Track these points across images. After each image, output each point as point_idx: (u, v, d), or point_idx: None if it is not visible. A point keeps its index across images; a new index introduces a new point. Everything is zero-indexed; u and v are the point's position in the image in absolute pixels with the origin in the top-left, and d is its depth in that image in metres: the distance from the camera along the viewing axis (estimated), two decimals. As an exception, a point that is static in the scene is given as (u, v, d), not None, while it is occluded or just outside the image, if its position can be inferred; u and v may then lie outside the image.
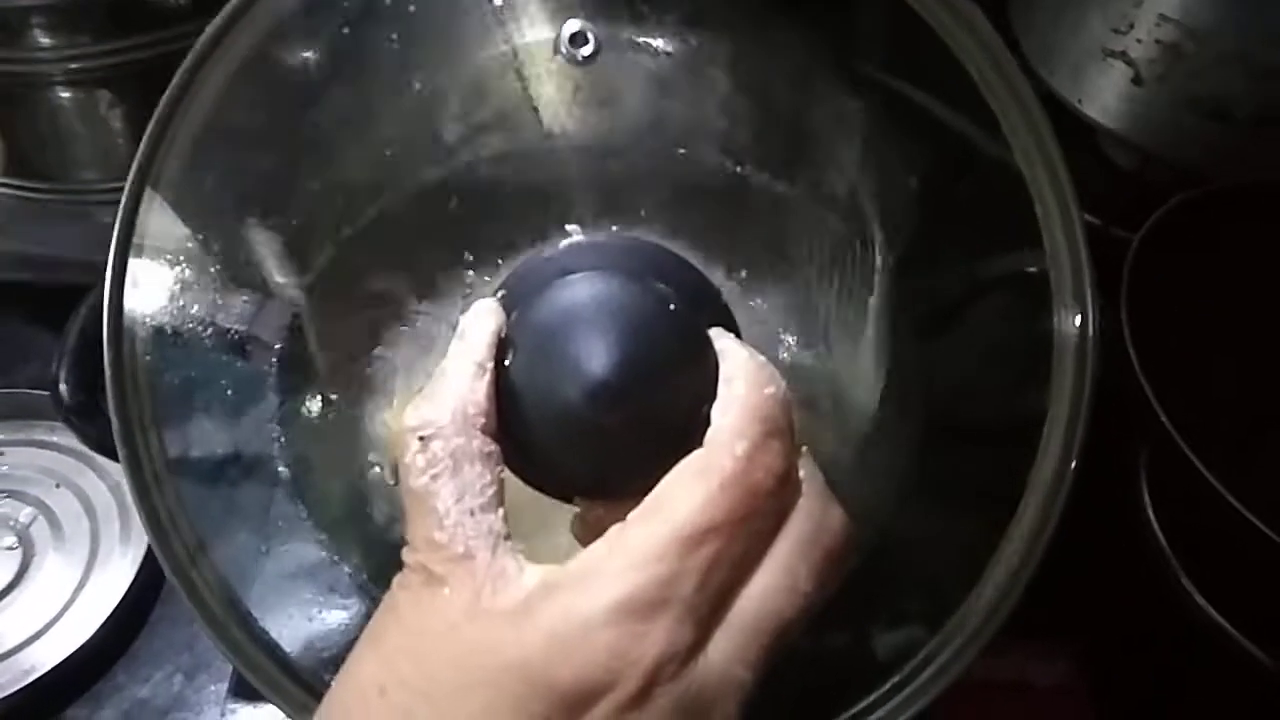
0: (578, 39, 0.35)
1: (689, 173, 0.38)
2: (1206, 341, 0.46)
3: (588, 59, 0.35)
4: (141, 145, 0.33)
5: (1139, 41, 0.51)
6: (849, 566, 0.26)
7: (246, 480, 0.38)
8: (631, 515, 0.24)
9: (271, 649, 0.34)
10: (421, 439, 0.24)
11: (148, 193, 0.34)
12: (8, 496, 0.54)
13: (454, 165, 0.38)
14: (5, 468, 0.56)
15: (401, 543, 0.25)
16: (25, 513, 0.54)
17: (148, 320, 0.35)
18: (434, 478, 0.24)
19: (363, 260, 0.41)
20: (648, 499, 0.24)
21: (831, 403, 0.42)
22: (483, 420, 0.25)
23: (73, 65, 0.52)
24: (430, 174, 0.39)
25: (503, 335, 0.26)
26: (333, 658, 0.36)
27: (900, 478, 0.39)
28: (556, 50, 0.35)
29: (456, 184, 0.39)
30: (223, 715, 0.45)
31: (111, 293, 0.34)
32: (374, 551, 0.39)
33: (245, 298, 0.36)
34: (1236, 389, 0.48)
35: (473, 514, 0.24)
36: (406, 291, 0.41)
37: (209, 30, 0.33)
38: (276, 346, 0.37)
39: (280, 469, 0.37)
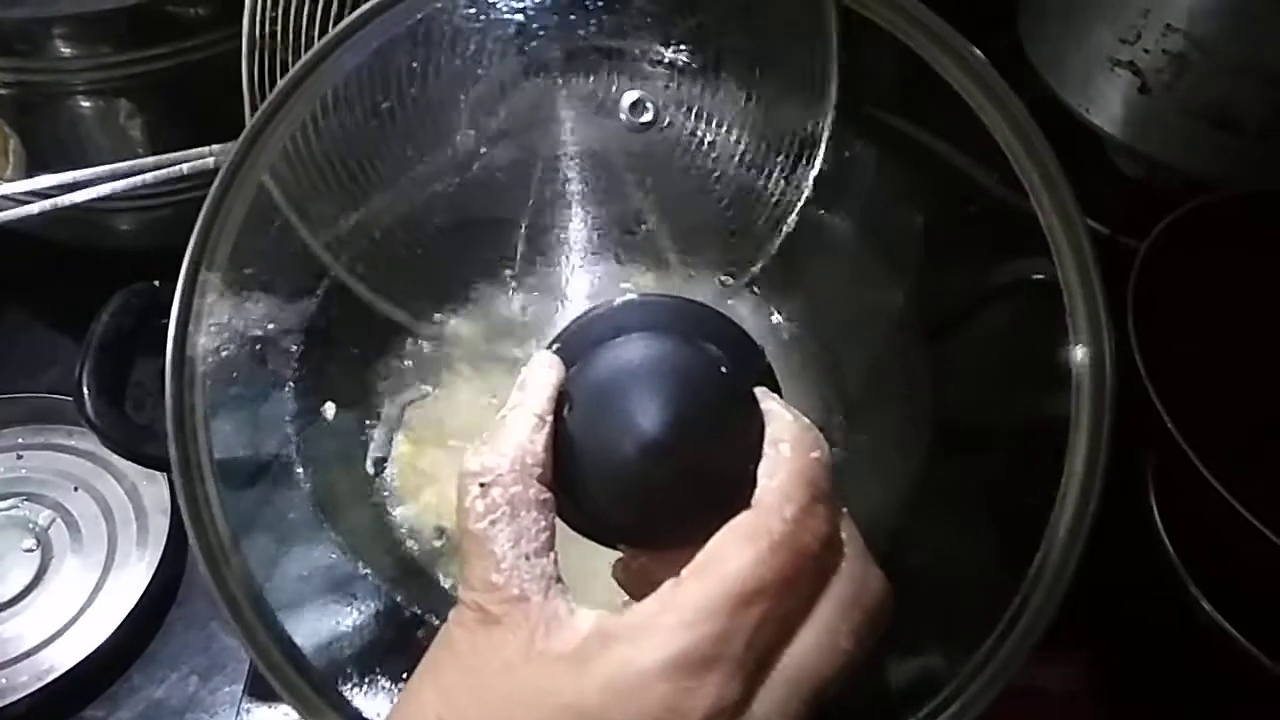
0: (637, 107, 0.37)
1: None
2: (1213, 349, 0.46)
3: (646, 125, 0.37)
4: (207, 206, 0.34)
5: (1146, 51, 0.51)
6: (886, 626, 0.27)
7: (276, 484, 0.39)
8: (685, 572, 0.25)
9: (292, 652, 0.34)
10: (482, 485, 0.25)
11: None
12: (27, 499, 0.55)
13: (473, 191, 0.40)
14: (25, 471, 0.56)
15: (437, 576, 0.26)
16: (44, 515, 0.54)
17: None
18: (492, 523, 0.25)
19: (377, 271, 0.41)
20: (700, 556, 0.25)
21: (849, 419, 0.43)
22: (539, 470, 0.26)
23: (93, 75, 0.53)
24: (452, 193, 0.40)
25: (561, 389, 0.27)
26: (349, 659, 0.36)
27: (913, 491, 0.40)
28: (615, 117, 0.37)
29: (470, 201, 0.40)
30: (237, 716, 0.46)
31: (179, 312, 0.34)
32: (391, 556, 0.40)
33: (262, 302, 0.37)
34: (1243, 397, 0.48)
35: (528, 558, 0.25)
36: (418, 303, 0.42)
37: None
38: (294, 349, 0.38)
39: (298, 471, 0.38)
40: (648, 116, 0.39)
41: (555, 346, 0.28)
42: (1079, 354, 0.33)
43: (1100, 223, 0.57)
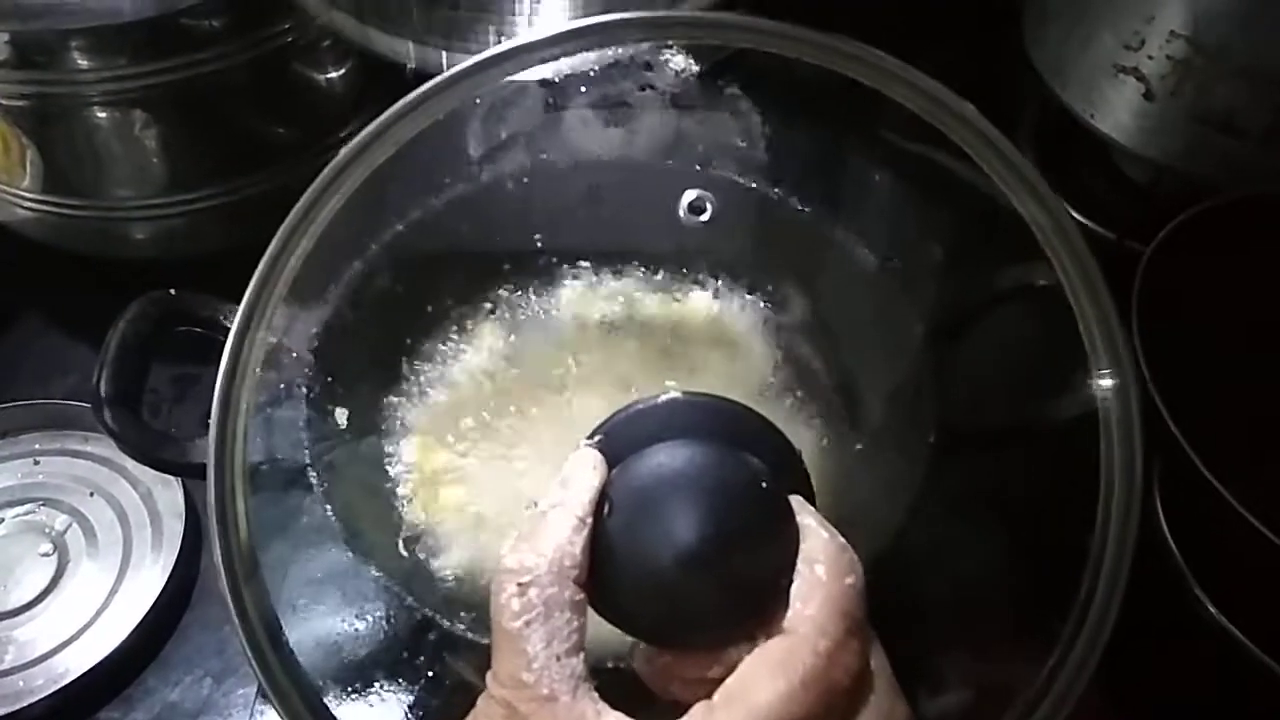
0: (695, 205, 0.37)
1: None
2: (1218, 353, 0.46)
3: (706, 223, 0.37)
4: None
5: (1150, 57, 0.52)
6: None
7: (294, 493, 0.39)
8: (716, 698, 0.25)
9: (301, 680, 0.34)
10: (520, 585, 0.26)
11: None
12: (44, 505, 0.56)
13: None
14: (41, 476, 0.57)
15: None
16: (60, 520, 0.55)
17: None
18: (527, 623, 0.25)
19: (389, 278, 0.42)
20: (730, 682, 0.25)
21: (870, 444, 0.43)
22: (576, 572, 0.26)
23: (109, 86, 0.53)
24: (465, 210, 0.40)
25: (603, 490, 0.28)
26: (360, 668, 0.37)
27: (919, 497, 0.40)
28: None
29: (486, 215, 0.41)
30: (251, 718, 0.46)
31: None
32: (400, 561, 0.40)
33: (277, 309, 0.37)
34: (1249, 400, 0.48)
35: (559, 659, 0.25)
36: (430, 310, 0.43)
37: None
38: (308, 356, 0.38)
39: (310, 476, 0.38)
40: (705, 216, 0.39)
41: (598, 439, 0.29)
42: (1104, 383, 0.33)
43: (1105, 227, 0.57)
